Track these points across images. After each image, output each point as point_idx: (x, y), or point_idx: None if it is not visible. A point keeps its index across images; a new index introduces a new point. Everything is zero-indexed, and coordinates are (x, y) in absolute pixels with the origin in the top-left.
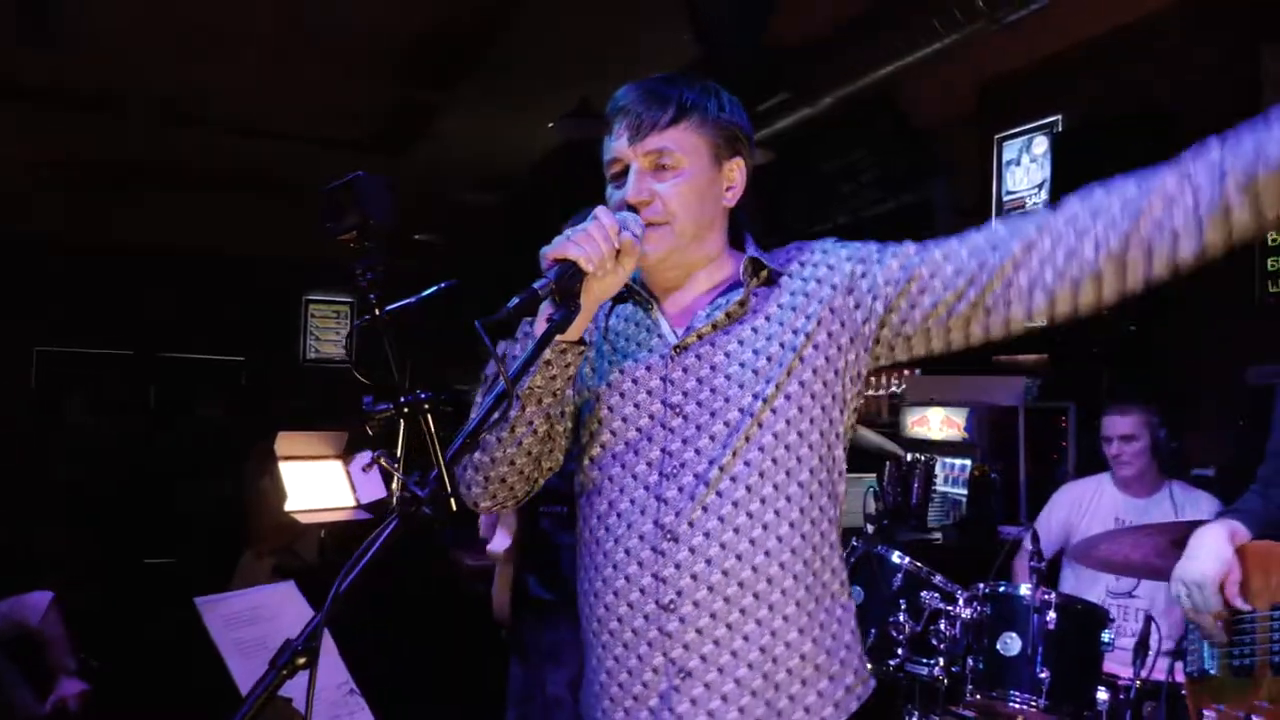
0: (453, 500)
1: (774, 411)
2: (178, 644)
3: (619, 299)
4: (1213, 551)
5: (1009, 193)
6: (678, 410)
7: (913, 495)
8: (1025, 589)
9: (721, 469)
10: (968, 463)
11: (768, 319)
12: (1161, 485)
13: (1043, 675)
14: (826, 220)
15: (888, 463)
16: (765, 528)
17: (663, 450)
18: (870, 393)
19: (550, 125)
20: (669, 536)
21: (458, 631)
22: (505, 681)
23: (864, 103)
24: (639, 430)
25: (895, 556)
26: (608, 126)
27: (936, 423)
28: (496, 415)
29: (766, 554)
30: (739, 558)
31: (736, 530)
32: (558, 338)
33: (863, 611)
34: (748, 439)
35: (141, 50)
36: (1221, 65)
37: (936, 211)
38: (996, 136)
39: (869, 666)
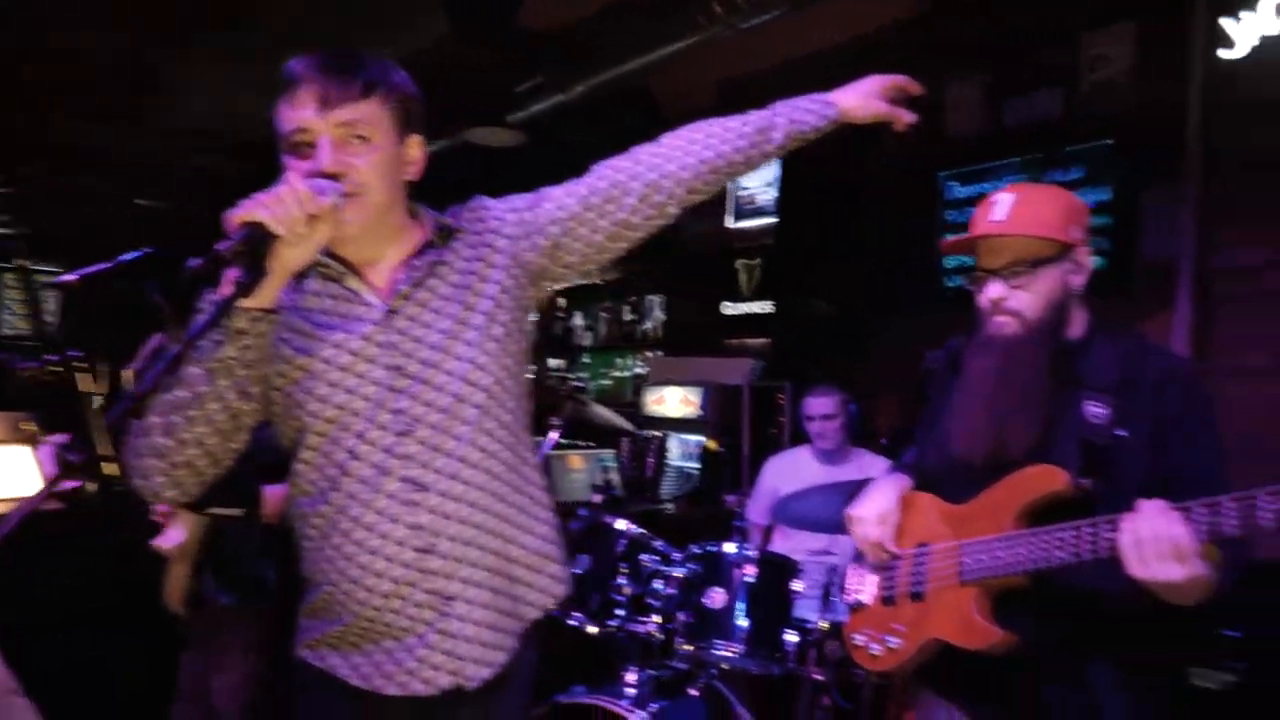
0: (114, 464)
1: (488, 354)
2: None
3: (300, 276)
4: (878, 497)
5: (742, 188)
6: (402, 370)
7: (646, 469)
8: (730, 547)
9: (453, 415)
10: (701, 438)
11: (462, 272)
12: (852, 454)
13: (742, 624)
14: None
15: (624, 439)
16: (494, 456)
17: (394, 411)
18: (616, 374)
19: None
20: (418, 487)
21: (126, 619)
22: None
23: (615, 94)
24: (365, 398)
25: (619, 524)
26: (287, 93)
27: (674, 401)
28: (169, 381)
29: (497, 478)
30: (480, 488)
31: (474, 466)
32: (248, 304)
33: (588, 577)
34: (471, 383)
35: None
36: (922, 84)
37: None
38: None
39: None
